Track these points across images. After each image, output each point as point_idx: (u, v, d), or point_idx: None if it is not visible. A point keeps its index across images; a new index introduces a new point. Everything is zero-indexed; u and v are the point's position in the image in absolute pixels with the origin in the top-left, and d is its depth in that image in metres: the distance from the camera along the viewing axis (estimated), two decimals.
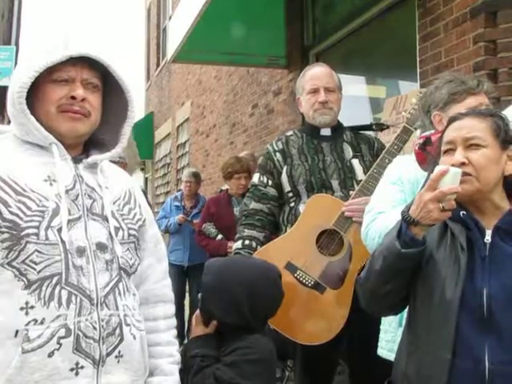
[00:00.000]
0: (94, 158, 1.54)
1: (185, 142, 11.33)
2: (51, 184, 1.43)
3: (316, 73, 2.76)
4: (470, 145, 1.49)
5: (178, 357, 1.66)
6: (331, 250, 2.51)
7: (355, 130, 2.87)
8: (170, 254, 6.04)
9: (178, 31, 6.22)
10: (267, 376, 1.85)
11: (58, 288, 1.36)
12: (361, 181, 2.54)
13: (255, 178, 2.80)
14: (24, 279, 1.33)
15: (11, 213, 1.35)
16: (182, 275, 6.03)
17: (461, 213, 1.48)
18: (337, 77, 2.80)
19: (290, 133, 2.89)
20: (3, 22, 6.22)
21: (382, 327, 2.10)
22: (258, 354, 1.82)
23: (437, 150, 1.58)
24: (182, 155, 11.45)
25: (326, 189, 2.63)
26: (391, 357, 1.99)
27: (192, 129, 10.64)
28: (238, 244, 2.70)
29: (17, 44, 6.31)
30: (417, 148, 1.82)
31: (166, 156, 13.01)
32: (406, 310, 1.61)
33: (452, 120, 1.57)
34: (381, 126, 3.07)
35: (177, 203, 6.12)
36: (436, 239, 1.52)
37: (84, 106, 1.47)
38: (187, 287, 6.15)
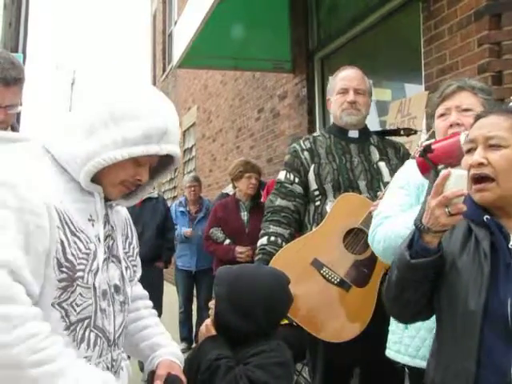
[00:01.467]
0: (121, 203, 1.55)
1: (191, 147, 11.35)
2: (93, 225, 1.42)
3: (347, 74, 2.79)
4: (491, 145, 1.43)
5: (168, 334, 1.72)
6: (357, 248, 2.52)
7: (382, 134, 2.90)
8: (177, 259, 6.06)
9: (183, 37, 6.25)
10: (290, 379, 1.89)
11: (88, 330, 1.39)
12: (388, 183, 2.56)
13: (281, 175, 2.82)
14: (67, 320, 1.35)
15: (71, 253, 1.34)
16: (190, 280, 6.04)
17: (484, 217, 1.43)
18: (368, 82, 2.82)
19: (317, 133, 2.93)
20: (10, 31, 6.26)
21: (390, 328, 2.11)
22: (283, 357, 1.85)
23: (437, 158, 1.57)
24: (189, 160, 11.48)
25: (353, 189, 2.66)
26: (398, 358, 2.01)
27: (198, 133, 10.67)
28: (264, 240, 2.71)
29: (24, 52, 6.36)
30: (417, 156, 1.82)
31: None
32: None
33: (477, 117, 1.51)
34: (409, 131, 3.09)
35: (181, 209, 6.13)
36: (459, 245, 1.48)
37: (139, 184, 1.51)
38: (195, 292, 6.17)
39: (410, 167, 2.10)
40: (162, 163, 1.54)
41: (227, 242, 4.68)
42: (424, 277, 1.43)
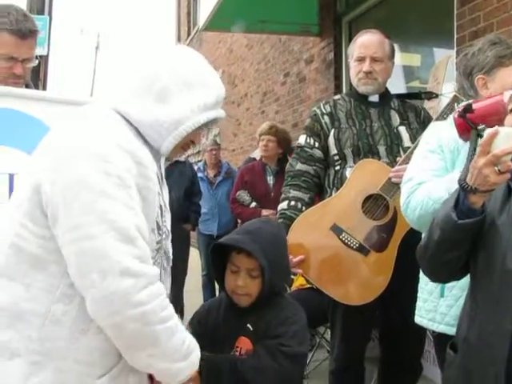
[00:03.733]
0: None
1: None
2: (161, 188, 1.49)
3: (365, 41, 2.74)
4: None
5: None
6: (376, 214, 2.54)
7: (403, 98, 2.86)
8: (199, 223, 6.11)
9: None
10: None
11: None
12: (407, 148, 2.56)
13: (301, 139, 2.82)
14: None
15: (162, 218, 1.44)
16: (212, 244, 6.07)
17: None
18: (389, 45, 2.76)
19: (337, 97, 2.91)
20: None
21: (420, 295, 2.09)
22: (304, 319, 1.85)
23: (478, 118, 1.54)
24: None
25: (373, 154, 2.65)
26: (433, 326, 1.99)
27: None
28: (284, 205, 2.73)
29: (50, 14, 6.33)
30: (456, 116, 1.78)
31: None
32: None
33: None
34: (430, 95, 3.04)
35: (200, 174, 6.13)
36: (499, 204, 1.48)
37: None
38: None
39: (441, 130, 2.04)
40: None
41: (253, 205, 4.76)
42: (467, 236, 1.44)
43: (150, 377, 1.46)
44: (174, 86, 1.42)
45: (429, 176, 1.93)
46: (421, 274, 2.09)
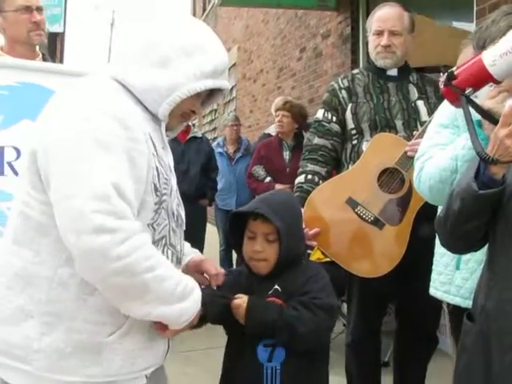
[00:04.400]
0: (171, 135, 1.64)
1: (232, 88, 11.29)
2: (165, 154, 1.53)
3: (383, 14, 2.72)
4: None
5: None
6: (392, 188, 2.54)
7: (423, 71, 2.84)
8: (217, 198, 6.16)
9: None
10: None
11: (165, 248, 1.50)
12: (425, 122, 2.55)
13: (319, 113, 2.83)
14: (152, 239, 1.44)
15: (160, 179, 1.45)
16: None
17: None
18: (408, 18, 2.74)
19: (355, 71, 2.91)
20: None
21: (435, 268, 2.10)
22: (327, 277, 1.88)
23: (464, 82, 1.51)
24: (229, 101, 11.45)
25: (390, 128, 2.65)
26: (448, 299, 2.00)
27: (239, 74, 10.59)
28: (301, 178, 2.75)
29: None
30: (442, 86, 1.74)
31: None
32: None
33: None
34: (449, 69, 3.01)
35: (219, 150, 6.15)
36: None
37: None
38: None
39: None
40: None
41: (268, 179, 4.81)
42: (488, 207, 1.44)
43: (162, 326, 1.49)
44: (171, 53, 1.43)
45: (439, 151, 1.93)
46: (436, 246, 2.10)
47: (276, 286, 1.80)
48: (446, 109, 2.06)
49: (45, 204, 1.37)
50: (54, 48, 5.38)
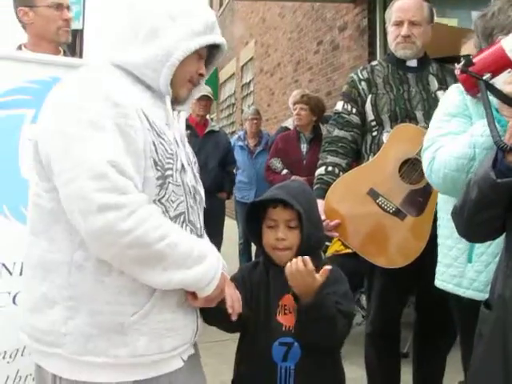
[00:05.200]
0: (183, 109, 1.64)
1: (249, 82, 11.31)
2: (169, 129, 1.53)
3: (402, 4, 2.72)
4: None
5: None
6: (413, 178, 2.54)
7: (442, 62, 2.83)
8: (236, 192, 6.18)
9: None
10: None
11: (184, 225, 1.51)
12: None
13: (339, 105, 2.83)
14: (167, 216, 1.46)
15: (161, 153, 1.46)
16: None
17: None
18: (427, 8, 2.73)
19: (375, 62, 2.90)
20: None
21: (442, 260, 2.06)
22: (346, 278, 1.86)
23: (482, 68, 1.51)
24: (247, 95, 11.47)
25: (410, 119, 2.65)
26: (459, 291, 1.95)
27: (256, 68, 10.60)
28: (322, 170, 2.75)
29: None
30: (459, 72, 1.73)
31: (231, 96, 13.06)
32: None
33: None
34: (469, 58, 2.99)
35: (240, 143, 6.18)
36: None
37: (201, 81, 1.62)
38: None
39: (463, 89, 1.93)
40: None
41: (284, 171, 4.84)
42: (505, 196, 1.44)
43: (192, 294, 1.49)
44: (159, 23, 1.47)
45: (450, 139, 1.89)
46: (440, 238, 2.07)
47: None
48: (451, 99, 2.01)
49: (51, 191, 1.41)
50: (73, 45, 5.42)
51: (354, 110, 2.75)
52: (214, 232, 4.12)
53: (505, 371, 1.42)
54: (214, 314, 1.61)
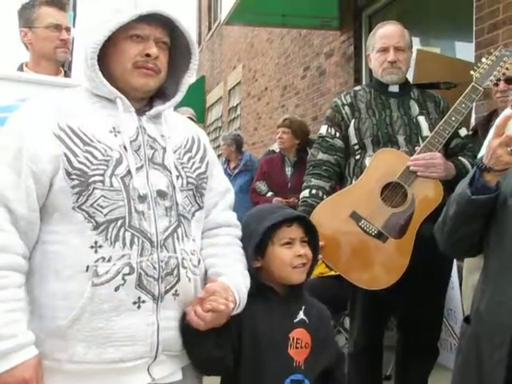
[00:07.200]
0: (157, 109, 1.63)
1: (236, 106, 11.40)
2: (116, 135, 1.54)
3: (387, 31, 2.79)
4: None
5: (242, 265, 1.70)
6: (395, 202, 2.59)
7: (423, 88, 2.90)
8: None
9: None
10: None
11: (122, 230, 1.47)
12: (426, 137, 2.62)
13: (323, 129, 2.88)
14: (93, 221, 1.46)
15: (79, 162, 1.48)
16: None
17: None
18: (408, 35, 2.82)
19: (358, 88, 2.96)
20: None
21: None
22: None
23: None
24: (234, 119, 11.55)
25: (392, 143, 2.70)
26: None
27: (243, 92, 10.70)
28: (306, 193, 2.79)
29: (74, 9, 6.46)
30: None
31: (218, 120, 13.13)
32: None
33: None
34: (449, 85, 3.06)
35: (222, 166, 6.24)
36: None
37: (156, 64, 1.56)
38: None
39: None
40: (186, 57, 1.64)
41: (269, 194, 4.93)
42: (481, 213, 1.52)
43: None
44: (86, 49, 1.53)
45: None
46: None
47: (302, 316, 1.76)
48: None
49: None
50: (69, 64, 5.47)
51: (338, 134, 2.80)
52: None
53: (478, 382, 1.48)
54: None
